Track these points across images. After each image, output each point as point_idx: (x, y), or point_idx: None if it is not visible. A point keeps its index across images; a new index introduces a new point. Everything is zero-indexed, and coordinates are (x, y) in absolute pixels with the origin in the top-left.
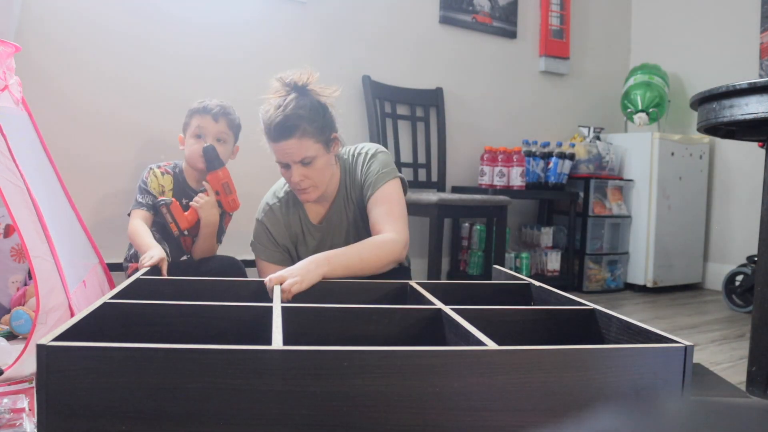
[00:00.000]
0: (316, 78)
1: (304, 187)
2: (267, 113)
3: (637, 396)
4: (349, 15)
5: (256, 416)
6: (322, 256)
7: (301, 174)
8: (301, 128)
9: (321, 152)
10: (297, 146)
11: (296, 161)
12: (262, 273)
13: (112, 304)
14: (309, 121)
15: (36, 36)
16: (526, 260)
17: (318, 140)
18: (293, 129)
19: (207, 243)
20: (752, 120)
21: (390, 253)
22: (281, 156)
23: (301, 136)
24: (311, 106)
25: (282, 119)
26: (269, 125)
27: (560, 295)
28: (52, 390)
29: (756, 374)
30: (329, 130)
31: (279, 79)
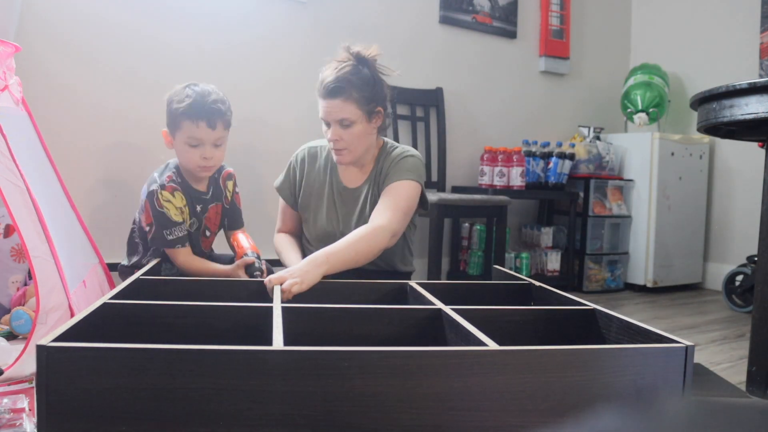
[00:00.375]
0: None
1: (338, 148)
2: (324, 72)
3: (637, 396)
4: (349, 15)
5: (257, 416)
6: (320, 256)
7: (337, 134)
8: (347, 92)
9: (361, 119)
10: (339, 107)
11: (336, 120)
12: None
13: (112, 304)
14: (357, 88)
15: (36, 36)
16: (526, 260)
17: (361, 108)
18: (340, 91)
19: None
20: (752, 120)
21: (380, 243)
22: (324, 113)
23: (346, 99)
24: (365, 76)
25: (333, 79)
26: (321, 82)
27: (560, 295)
28: (52, 390)
29: (756, 374)
30: (376, 103)
31: (346, 48)
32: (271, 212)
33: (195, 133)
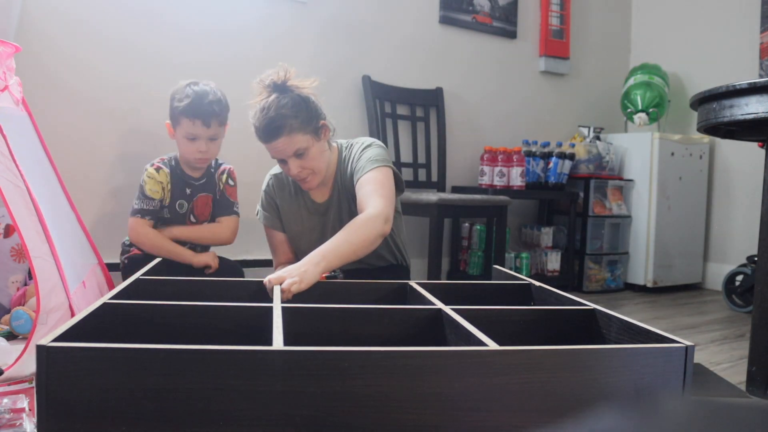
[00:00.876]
0: (293, 73)
1: (303, 177)
2: (255, 117)
3: (637, 396)
4: (349, 15)
5: (257, 417)
6: (316, 254)
7: (298, 166)
8: (287, 126)
9: (312, 142)
10: (287, 143)
11: (290, 155)
12: (268, 240)
13: (112, 304)
14: (293, 117)
15: (36, 36)
16: (526, 260)
17: (306, 132)
18: (280, 129)
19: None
20: (752, 120)
21: (374, 230)
22: (276, 153)
23: (289, 133)
24: (293, 102)
25: (267, 122)
26: (258, 128)
27: (561, 295)
28: (52, 390)
29: (756, 374)
30: (316, 119)
31: (259, 82)
32: None
33: (192, 130)
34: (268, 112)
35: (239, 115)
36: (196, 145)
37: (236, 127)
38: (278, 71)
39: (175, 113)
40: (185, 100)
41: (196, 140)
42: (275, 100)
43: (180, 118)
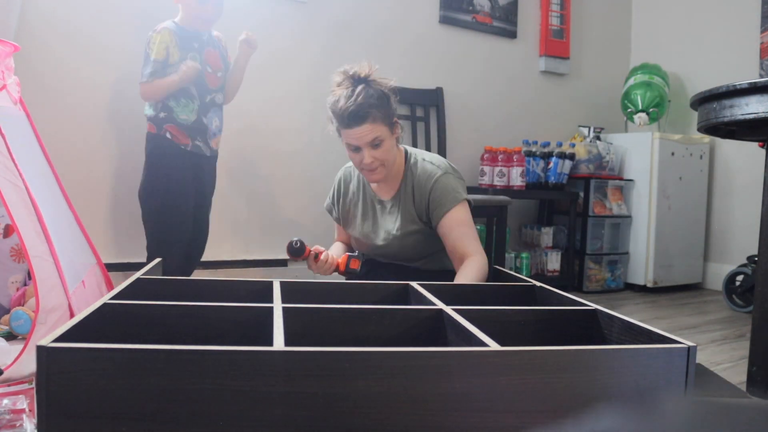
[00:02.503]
0: (376, 70)
1: (374, 167)
2: (337, 103)
3: (639, 396)
4: (349, 15)
5: (258, 418)
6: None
7: (371, 155)
8: (372, 114)
9: (387, 135)
10: (370, 130)
11: (368, 143)
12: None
13: (112, 304)
14: (377, 107)
15: (36, 36)
16: (526, 260)
17: (385, 124)
18: (366, 116)
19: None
20: (752, 120)
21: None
22: (355, 140)
23: (373, 121)
24: (378, 94)
25: (355, 107)
26: (342, 113)
27: (561, 295)
28: (52, 391)
29: (756, 374)
30: (393, 115)
31: (343, 72)
32: (272, 208)
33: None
34: (357, 99)
35: (239, 114)
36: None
37: (237, 126)
38: (363, 66)
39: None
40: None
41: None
42: (363, 90)
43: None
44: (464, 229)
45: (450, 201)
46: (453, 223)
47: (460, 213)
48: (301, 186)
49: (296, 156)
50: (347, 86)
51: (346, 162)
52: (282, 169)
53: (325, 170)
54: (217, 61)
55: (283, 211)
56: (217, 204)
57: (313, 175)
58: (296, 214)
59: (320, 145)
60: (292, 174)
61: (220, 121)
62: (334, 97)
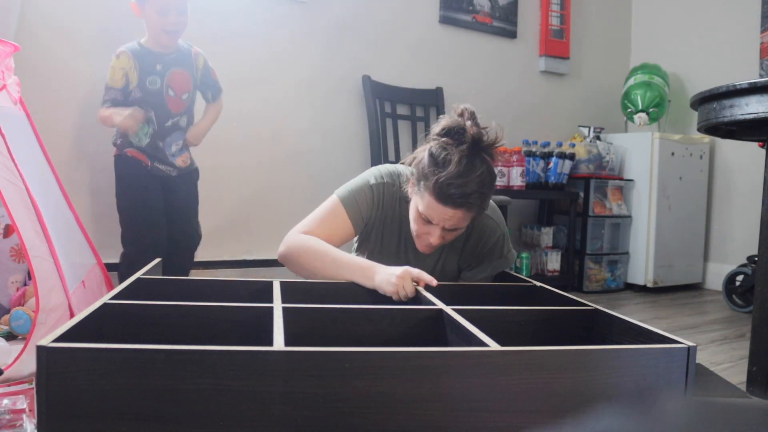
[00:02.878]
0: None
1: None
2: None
3: (639, 396)
4: (350, 15)
5: (258, 418)
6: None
7: (441, 237)
8: (472, 203)
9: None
10: (460, 218)
11: (446, 227)
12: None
13: (112, 304)
14: (483, 200)
15: (36, 36)
16: (526, 260)
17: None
18: (465, 205)
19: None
20: (752, 120)
21: None
22: (435, 217)
23: (468, 211)
24: (490, 179)
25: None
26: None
27: (562, 295)
28: (52, 391)
29: (756, 374)
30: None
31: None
32: (272, 209)
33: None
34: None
35: (240, 114)
36: (167, 18)
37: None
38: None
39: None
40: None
41: (168, 14)
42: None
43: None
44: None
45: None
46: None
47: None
48: (301, 186)
49: (296, 156)
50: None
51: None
52: (282, 169)
53: (325, 170)
54: (184, 83)
55: (284, 211)
56: (218, 204)
57: (313, 175)
58: (296, 214)
59: (320, 145)
60: (292, 174)
61: (183, 143)
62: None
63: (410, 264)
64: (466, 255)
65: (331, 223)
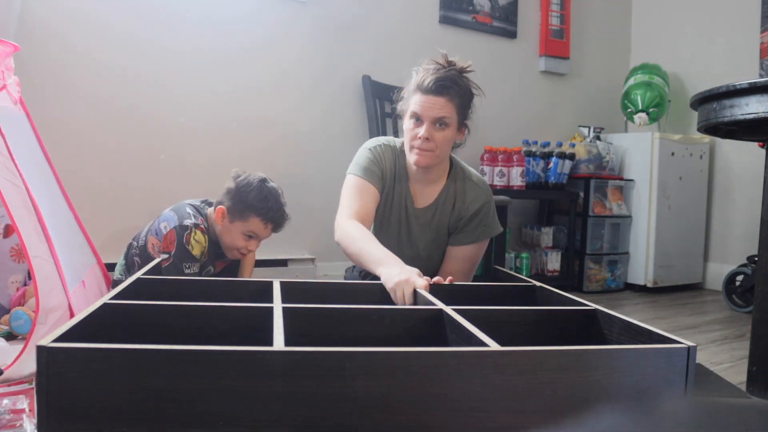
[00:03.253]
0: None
1: (425, 147)
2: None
3: (639, 396)
4: (349, 15)
5: (258, 418)
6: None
7: (429, 132)
8: (452, 92)
9: (454, 125)
10: (442, 105)
11: (434, 118)
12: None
13: (112, 304)
14: (460, 94)
15: (36, 36)
16: (526, 260)
17: (458, 113)
18: (447, 89)
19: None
20: (752, 120)
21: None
22: (423, 108)
23: (450, 99)
24: (466, 87)
25: (443, 76)
26: (424, 79)
27: (562, 295)
28: (52, 391)
29: (756, 374)
30: (466, 115)
31: (444, 56)
32: None
33: (260, 231)
34: (447, 72)
35: (239, 114)
36: (250, 243)
37: (237, 127)
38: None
39: (246, 206)
40: (265, 203)
41: (253, 239)
42: (457, 74)
43: (250, 216)
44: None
45: (484, 234)
46: (468, 255)
47: (480, 249)
48: (301, 186)
49: (296, 156)
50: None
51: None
52: (282, 169)
53: (326, 170)
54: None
55: None
56: None
57: (313, 175)
58: (296, 214)
59: (321, 145)
60: (292, 174)
61: None
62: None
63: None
64: (455, 215)
65: (359, 195)
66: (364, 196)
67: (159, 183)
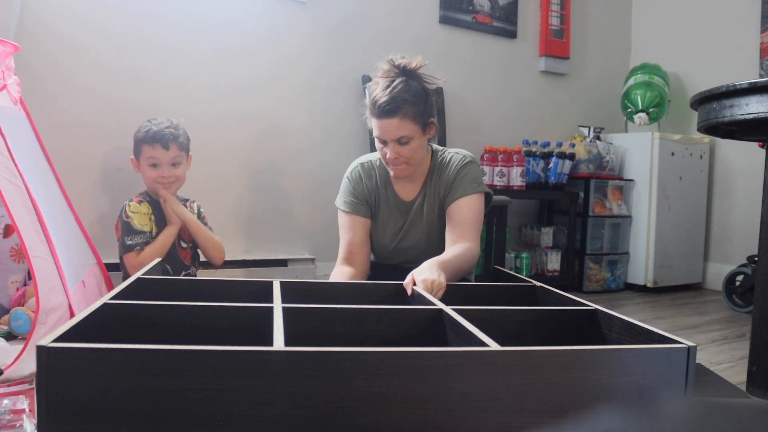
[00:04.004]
0: (425, 64)
1: (398, 164)
2: (374, 92)
3: (639, 396)
4: (349, 15)
5: (258, 417)
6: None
7: (395, 152)
8: (403, 110)
9: (418, 134)
10: (397, 126)
11: (393, 139)
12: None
13: (112, 304)
14: (411, 104)
15: (36, 36)
16: (526, 260)
17: (417, 123)
18: (396, 110)
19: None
20: (752, 120)
21: (473, 262)
22: (381, 133)
23: (402, 117)
24: (416, 90)
25: (387, 99)
26: (374, 103)
27: (562, 295)
28: (52, 391)
29: (756, 374)
30: (428, 115)
31: (389, 61)
32: (272, 209)
33: (153, 154)
34: (392, 91)
35: (239, 115)
36: (158, 171)
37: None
38: (413, 59)
39: (137, 144)
40: (143, 129)
41: (158, 166)
42: (402, 82)
43: (141, 146)
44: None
45: (471, 188)
46: (464, 207)
47: (476, 202)
48: (301, 186)
49: (296, 156)
50: (389, 75)
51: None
52: (282, 169)
53: (326, 170)
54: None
55: (283, 211)
56: (218, 204)
57: (313, 175)
58: (296, 213)
59: (321, 145)
60: (291, 174)
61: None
62: (374, 84)
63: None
64: (442, 186)
65: (350, 231)
66: (352, 229)
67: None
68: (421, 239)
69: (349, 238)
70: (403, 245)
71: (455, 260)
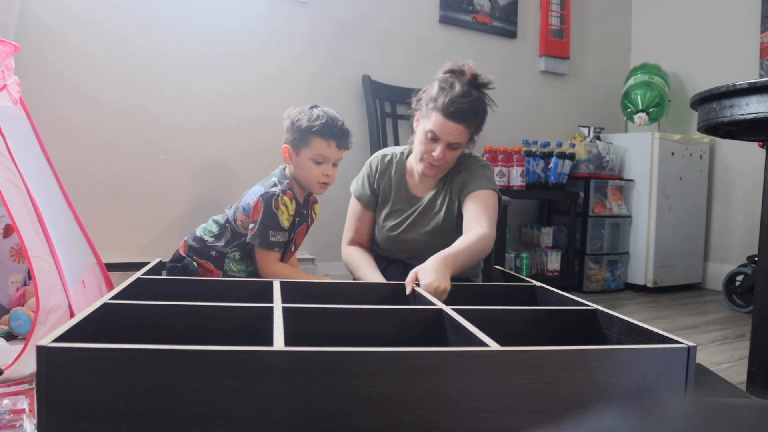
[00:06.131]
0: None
1: (436, 164)
2: (450, 92)
3: (639, 396)
4: (349, 15)
5: (258, 417)
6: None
7: (443, 154)
8: (472, 121)
9: (464, 144)
10: (460, 132)
11: (448, 142)
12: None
13: (112, 304)
14: (478, 120)
15: (36, 36)
16: (526, 260)
17: (472, 135)
18: (468, 119)
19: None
20: (752, 120)
21: (487, 250)
22: (441, 132)
23: (467, 127)
24: (484, 108)
25: (466, 106)
26: (450, 102)
27: (562, 295)
28: (52, 391)
29: (756, 374)
30: (478, 132)
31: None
32: None
33: (324, 151)
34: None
35: (239, 115)
36: (322, 169)
37: (237, 128)
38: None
39: (305, 134)
40: (318, 120)
41: (323, 164)
42: (478, 95)
43: (311, 139)
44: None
45: (486, 184)
46: (479, 197)
47: (489, 196)
48: None
49: None
50: (464, 82)
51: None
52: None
53: None
54: (301, 238)
55: None
56: (218, 204)
57: None
58: None
59: None
60: None
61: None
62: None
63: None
64: (458, 186)
65: (355, 220)
66: (360, 219)
67: (159, 183)
68: (422, 236)
69: (357, 227)
70: (403, 237)
71: (465, 251)
